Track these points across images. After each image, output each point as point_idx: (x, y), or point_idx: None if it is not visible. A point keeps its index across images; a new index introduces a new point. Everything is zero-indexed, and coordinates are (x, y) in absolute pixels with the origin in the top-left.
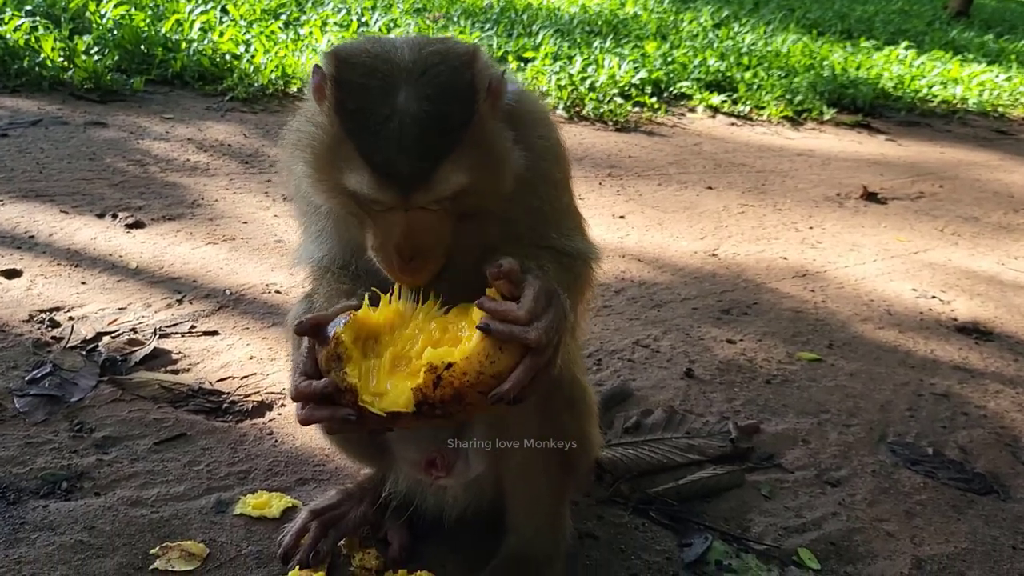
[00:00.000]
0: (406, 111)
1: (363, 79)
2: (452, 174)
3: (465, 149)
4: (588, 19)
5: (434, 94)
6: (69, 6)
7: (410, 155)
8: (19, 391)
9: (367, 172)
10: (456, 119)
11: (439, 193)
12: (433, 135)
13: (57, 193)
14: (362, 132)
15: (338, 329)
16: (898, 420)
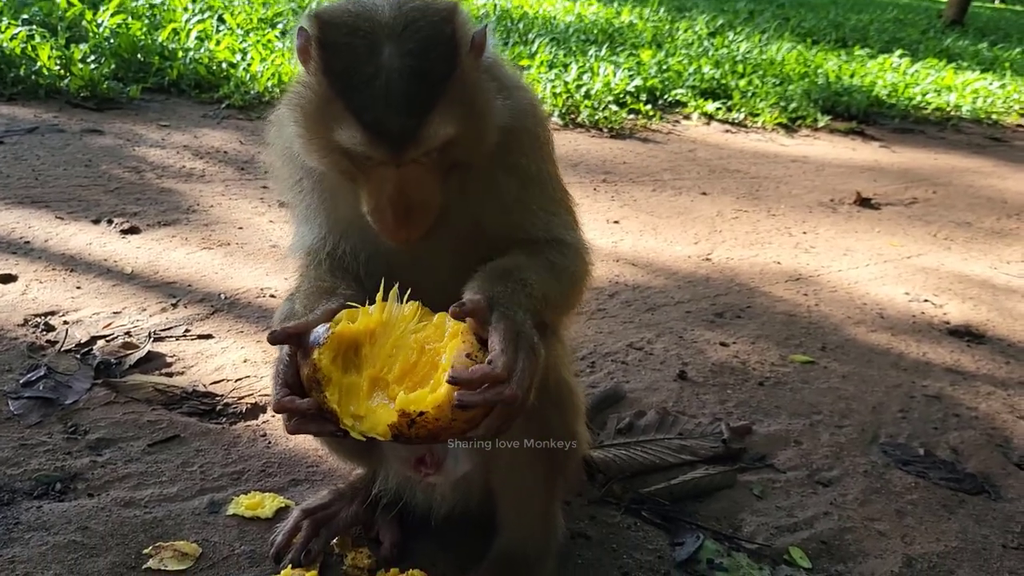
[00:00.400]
0: (391, 67)
1: (347, 38)
2: (440, 126)
3: (450, 100)
4: (584, 28)
5: (416, 48)
6: (66, 15)
7: (399, 111)
8: (13, 394)
9: (358, 129)
10: (439, 72)
11: (428, 145)
12: (418, 89)
13: (53, 199)
14: (350, 91)
15: (315, 355)
16: (890, 421)
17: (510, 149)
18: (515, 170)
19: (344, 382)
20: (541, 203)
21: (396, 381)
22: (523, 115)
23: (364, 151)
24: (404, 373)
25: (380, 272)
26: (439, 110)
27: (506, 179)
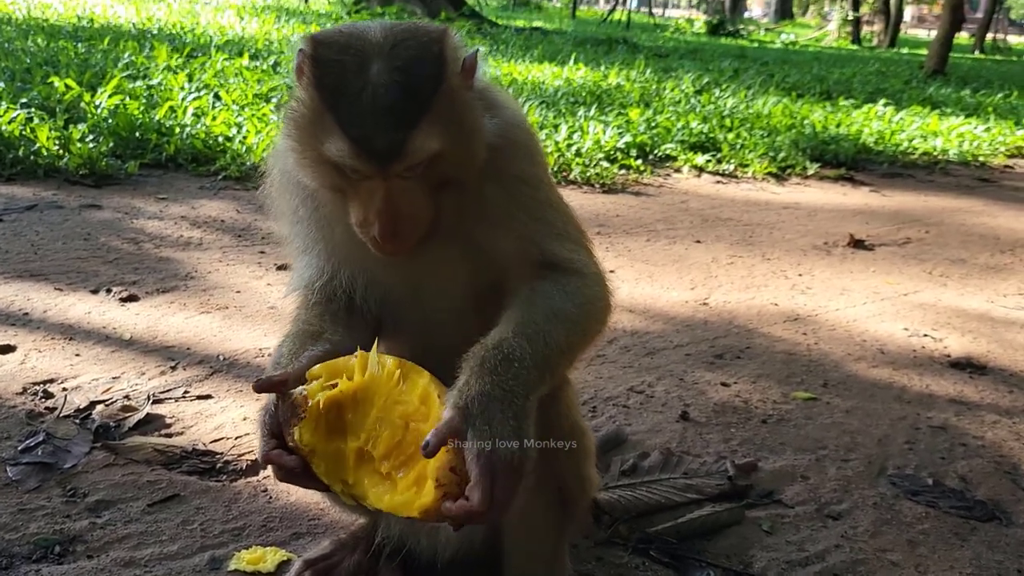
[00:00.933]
0: (378, 83)
1: (338, 55)
2: (425, 141)
3: (436, 116)
4: (572, 91)
5: (403, 65)
6: (64, 98)
7: (385, 125)
8: (12, 460)
9: (346, 143)
10: (426, 88)
11: (414, 159)
12: (404, 104)
13: (52, 272)
14: (339, 105)
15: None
16: (897, 453)
17: (497, 160)
18: (503, 178)
19: (330, 450)
20: (535, 211)
21: (382, 457)
22: (510, 127)
23: (351, 164)
24: (389, 451)
25: (378, 299)
26: (425, 125)
27: (495, 189)
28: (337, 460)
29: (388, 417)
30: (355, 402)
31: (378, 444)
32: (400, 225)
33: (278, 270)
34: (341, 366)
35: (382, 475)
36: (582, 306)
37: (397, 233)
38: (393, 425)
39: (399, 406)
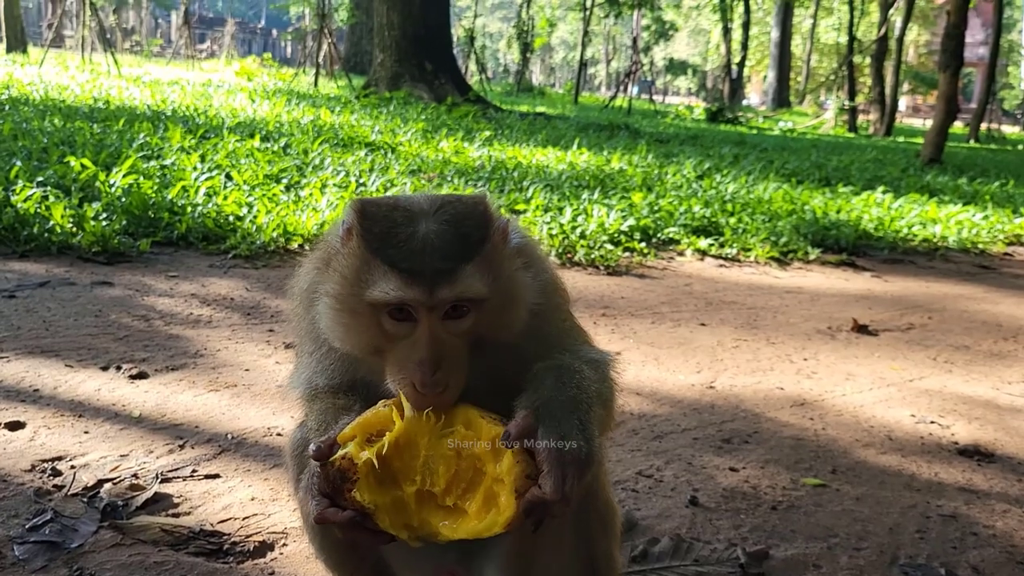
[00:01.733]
0: (428, 229)
1: (387, 212)
2: (473, 277)
3: (483, 263)
4: (576, 175)
5: (452, 219)
6: (79, 177)
7: (434, 257)
8: (19, 539)
9: (393, 276)
10: (473, 236)
11: (462, 291)
12: (454, 245)
13: (62, 348)
14: (388, 248)
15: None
16: (908, 542)
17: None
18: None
19: (388, 501)
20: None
21: (444, 493)
22: (546, 289)
23: (398, 294)
24: (449, 484)
25: None
26: (473, 265)
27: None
28: (398, 509)
29: (438, 453)
30: (399, 449)
31: (437, 480)
32: (442, 372)
33: (286, 348)
34: (372, 420)
35: (449, 508)
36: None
37: (438, 382)
38: (446, 458)
39: (445, 439)
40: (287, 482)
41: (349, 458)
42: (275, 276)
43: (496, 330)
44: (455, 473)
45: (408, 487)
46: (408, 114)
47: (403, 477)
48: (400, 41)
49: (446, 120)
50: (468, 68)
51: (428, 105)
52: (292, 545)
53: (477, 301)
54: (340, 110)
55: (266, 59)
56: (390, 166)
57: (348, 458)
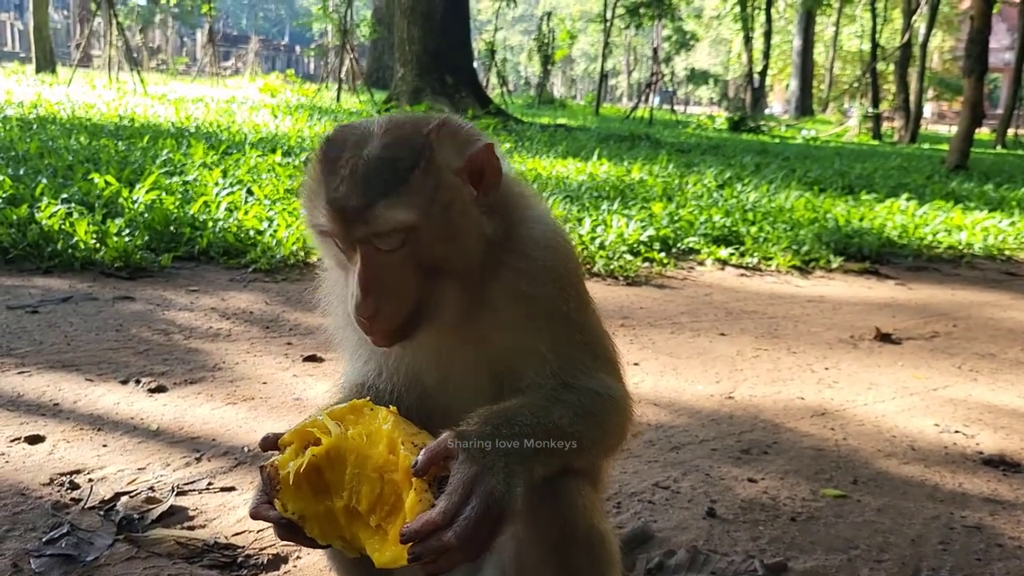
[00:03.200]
0: (364, 155)
1: (346, 136)
2: (394, 210)
3: (414, 191)
4: (596, 185)
5: (391, 142)
6: (103, 194)
7: (354, 189)
8: (36, 552)
9: (322, 209)
10: (405, 163)
11: (380, 226)
12: (379, 174)
13: (83, 363)
14: (328, 174)
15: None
16: (931, 554)
17: (513, 275)
18: (523, 300)
19: (320, 511)
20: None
21: (368, 512)
22: (532, 244)
23: (325, 225)
24: (372, 504)
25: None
26: (396, 195)
27: (507, 303)
28: (329, 520)
29: (363, 472)
30: (330, 461)
31: (361, 500)
32: (375, 300)
33: (304, 361)
34: (309, 428)
35: (375, 528)
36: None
37: (370, 308)
38: (370, 479)
39: (369, 460)
40: None
41: (275, 466)
42: (294, 290)
43: (441, 259)
44: (378, 496)
45: (338, 501)
46: None
47: (334, 490)
48: (421, 55)
49: None
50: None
51: None
52: (306, 558)
53: (403, 231)
54: None
55: (289, 75)
56: None
57: (274, 466)
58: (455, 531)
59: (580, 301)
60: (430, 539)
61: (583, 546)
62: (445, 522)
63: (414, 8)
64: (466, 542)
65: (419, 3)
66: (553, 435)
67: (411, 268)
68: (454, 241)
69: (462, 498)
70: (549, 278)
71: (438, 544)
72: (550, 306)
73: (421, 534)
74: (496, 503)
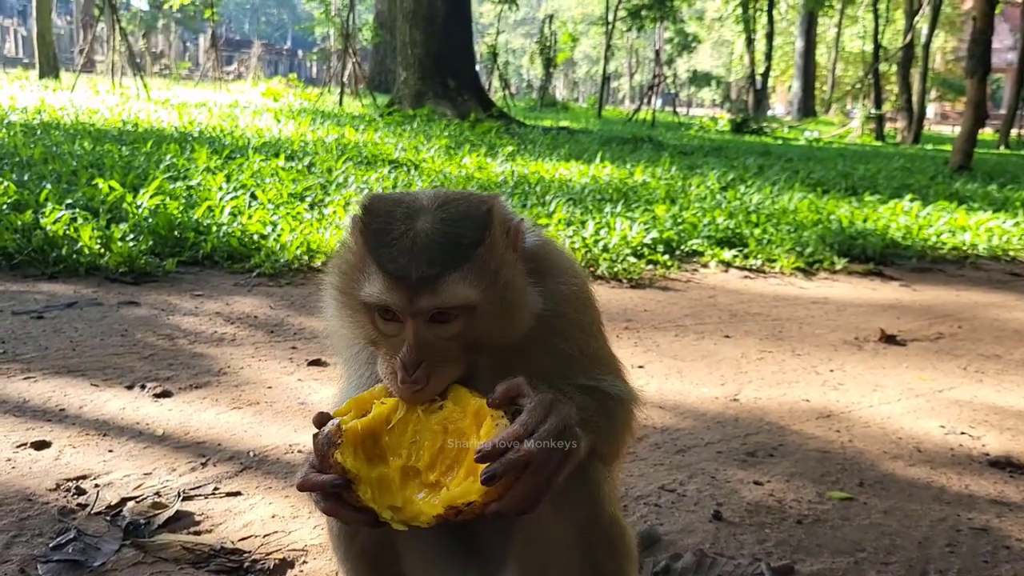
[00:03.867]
0: (421, 230)
1: (390, 208)
2: (459, 285)
3: (475, 267)
4: (599, 188)
5: (449, 219)
6: (107, 199)
7: (419, 261)
8: (43, 557)
9: (379, 277)
10: (468, 239)
11: (444, 300)
12: (444, 249)
13: (88, 368)
14: (380, 246)
15: (336, 455)
16: (938, 556)
17: (550, 332)
18: (554, 352)
19: (373, 476)
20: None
21: (427, 468)
22: (564, 301)
23: (381, 297)
24: (433, 459)
25: None
26: (461, 271)
27: (545, 359)
28: (382, 485)
29: (425, 427)
30: (389, 424)
31: (422, 455)
32: (422, 371)
33: (309, 365)
34: (366, 397)
35: (432, 486)
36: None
37: (417, 380)
38: (432, 432)
39: (434, 415)
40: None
41: (337, 424)
42: (299, 294)
43: (491, 335)
44: (440, 448)
45: (394, 462)
46: (431, 131)
47: (391, 452)
48: (423, 59)
49: (469, 136)
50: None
51: (451, 122)
52: (312, 563)
53: (465, 308)
54: (364, 128)
55: (292, 80)
56: (413, 183)
57: (336, 424)
58: (536, 439)
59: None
60: (508, 453)
61: (606, 535)
62: (526, 433)
63: (416, 12)
64: (546, 455)
65: (421, 7)
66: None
67: (458, 342)
68: (509, 318)
69: (542, 415)
70: (575, 328)
71: (516, 457)
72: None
73: (500, 447)
74: (570, 426)
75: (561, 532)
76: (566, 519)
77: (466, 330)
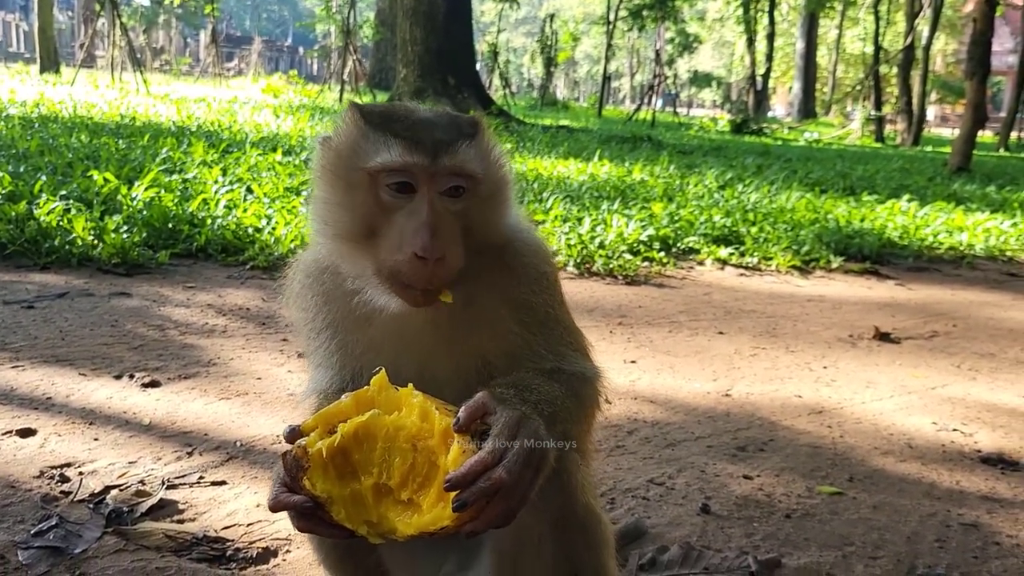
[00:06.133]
0: (426, 115)
1: (384, 108)
2: (471, 153)
3: (478, 147)
4: (596, 186)
5: (443, 113)
6: (102, 191)
7: (436, 129)
8: (24, 544)
9: (396, 143)
10: (468, 126)
11: (463, 162)
12: (452, 125)
13: (77, 358)
14: (390, 122)
15: (305, 482)
16: (927, 551)
17: (515, 282)
18: (519, 306)
19: (346, 494)
20: (548, 345)
21: (399, 486)
22: (530, 251)
23: (401, 160)
24: (404, 477)
25: None
26: (472, 144)
27: (510, 312)
28: (356, 502)
29: (395, 445)
30: (358, 441)
31: (392, 474)
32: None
33: (299, 357)
34: (333, 412)
35: (405, 503)
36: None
37: (439, 248)
38: (402, 451)
39: (402, 431)
40: None
41: (303, 447)
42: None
43: (483, 226)
44: (411, 466)
45: (366, 480)
46: None
47: (362, 470)
48: (423, 56)
49: None
50: (492, 83)
51: None
52: (295, 552)
53: (473, 179)
54: None
55: (292, 76)
56: None
57: (302, 447)
58: (505, 466)
59: (561, 301)
60: (478, 481)
61: (580, 525)
62: (494, 460)
63: (416, 9)
64: (516, 478)
65: (421, 4)
66: (556, 403)
67: (459, 226)
68: (498, 210)
69: (509, 437)
70: (540, 285)
71: (487, 484)
72: (542, 312)
73: (470, 476)
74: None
75: (535, 522)
76: (540, 509)
77: (465, 209)
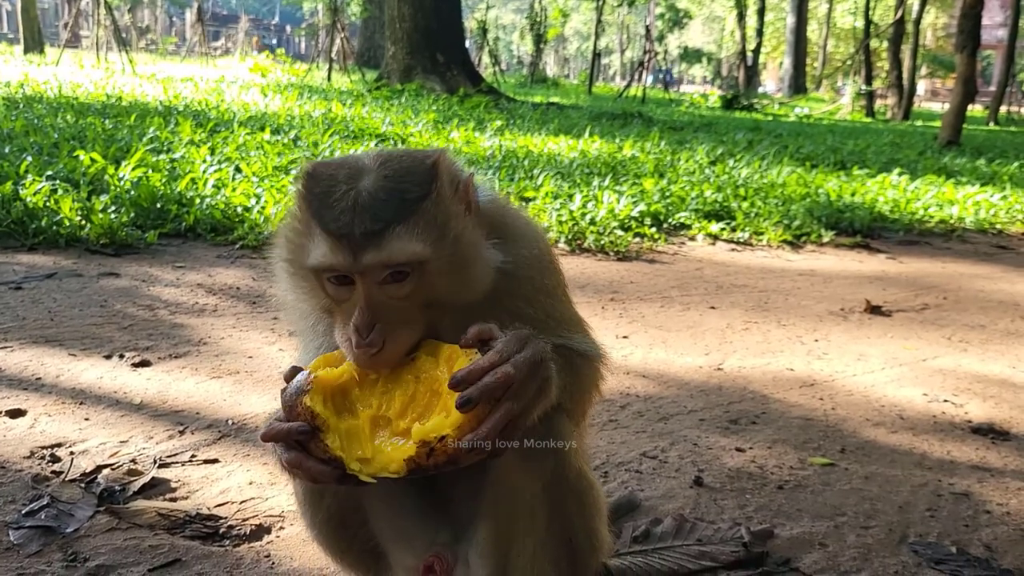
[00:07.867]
0: (364, 188)
1: (333, 171)
2: (405, 240)
3: (422, 221)
4: (587, 162)
5: (392, 175)
6: (89, 171)
7: (362, 218)
8: (15, 524)
9: (322, 241)
10: (412, 194)
11: (391, 255)
12: (388, 204)
13: (67, 338)
14: (323, 208)
15: (306, 400)
16: (918, 520)
17: (513, 296)
18: (517, 315)
19: (342, 427)
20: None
21: (398, 416)
22: (526, 265)
23: (326, 260)
24: (405, 406)
25: None
26: (408, 225)
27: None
28: (351, 436)
29: (397, 378)
30: (359, 380)
31: (392, 404)
32: (377, 334)
33: (290, 335)
34: (337, 356)
35: (402, 433)
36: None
37: (372, 343)
38: (404, 382)
39: (405, 366)
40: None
41: (307, 373)
42: None
43: (449, 294)
44: (412, 396)
45: (364, 412)
46: (420, 106)
47: (361, 404)
48: (412, 33)
49: (458, 111)
50: (481, 60)
51: (440, 97)
52: (289, 528)
53: (415, 264)
54: (352, 103)
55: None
56: None
57: (307, 374)
58: (513, 363)
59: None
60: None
61: (573, 489)
62: (502, 359)
63: None
64: (524, 377)
65: None
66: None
67: (414, 302)
68: (464, 273)
69: (517, 344)
70: (538, 291)
71: (494, 380)
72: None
73: (476, 372)
74: (545, 359)
75: (528, 486)
76: (533, 473)
77: (421, 289)
